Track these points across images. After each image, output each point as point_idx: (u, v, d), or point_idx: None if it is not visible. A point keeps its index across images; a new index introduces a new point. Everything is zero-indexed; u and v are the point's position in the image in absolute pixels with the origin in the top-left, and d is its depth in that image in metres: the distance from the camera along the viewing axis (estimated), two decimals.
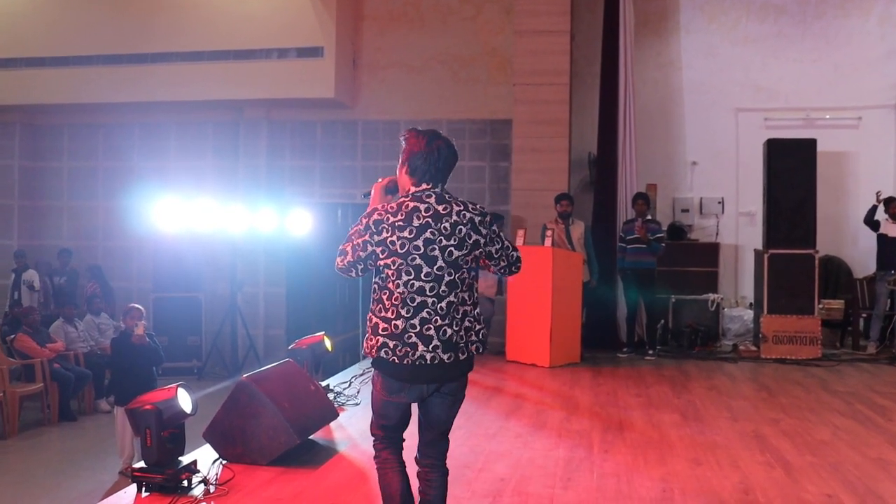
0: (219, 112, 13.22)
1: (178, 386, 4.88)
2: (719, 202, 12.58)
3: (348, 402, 7.25)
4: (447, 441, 3.84)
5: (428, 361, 3.52)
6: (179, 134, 13.59)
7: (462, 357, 3.60)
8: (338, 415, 6.09)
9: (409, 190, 3.69)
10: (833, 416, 7.21)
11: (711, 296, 11.50)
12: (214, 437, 5.39)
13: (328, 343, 7.42)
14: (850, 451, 6.02)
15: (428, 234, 3.56)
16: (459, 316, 3.60)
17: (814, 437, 6.47)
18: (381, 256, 3.58)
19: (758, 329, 10.79)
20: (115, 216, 13.58)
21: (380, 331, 3.57)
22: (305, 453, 5.57)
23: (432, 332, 3.53)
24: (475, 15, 12.82)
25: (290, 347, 7.27)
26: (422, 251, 3.56)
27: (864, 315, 11.41)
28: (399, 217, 3.57)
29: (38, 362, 10.09)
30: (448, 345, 3.55)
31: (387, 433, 3.77)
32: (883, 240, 10.98)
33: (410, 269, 3.55)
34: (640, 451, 5.92)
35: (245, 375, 5.45)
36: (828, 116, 12.46)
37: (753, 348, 10.72)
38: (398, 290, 3.55)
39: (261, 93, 12.47)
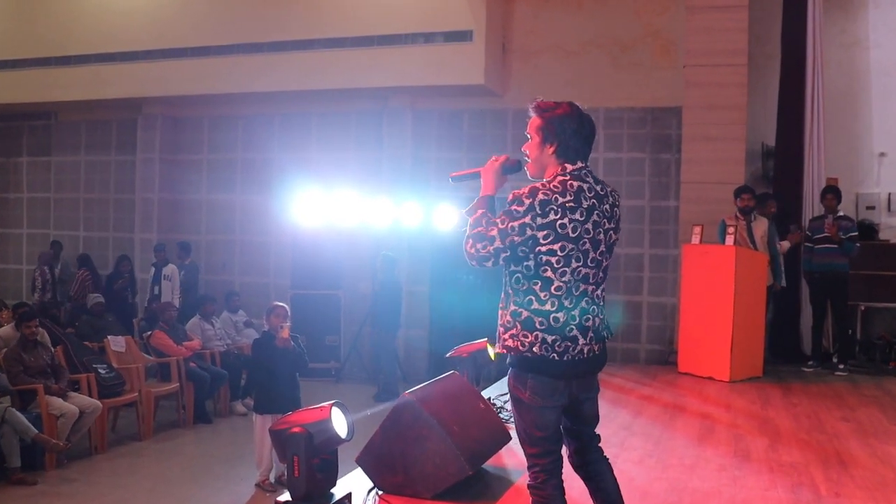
0: (361, 101, 12.60)
1: (332, 405, 4.11)
2: None
3: (512, 419, 6.40)
4: (598, 435, 3.56)
5: (585, 354, 3.30)
6: (320, 124, 13.03)
7: (604, 346, 3.42)
8: (510, 437, 5.24)
9: (563, 168, 3.35)
10: None
11: None
12: (370, 462, 4.63)
13: (491, 351, 6.59)
14: None
15: (595, 217, 3.30)
16: (603, 303, 3.42)
17: None
18: (542, 242, 3.22)
19: None
20: (253, 209, 13.17)
21: (536, 326, 3.24)
22: (476, 484, 4.74)
23: (590, 322, 3.31)
24: None
25: (448, 355, 6.49)
26: (591, 235, 3.29)
27: None
28: (568, 198, 3.24)
29: (175, 361, 9.63)
30: (598, 335, 3.35)
31: (547, 452, 3.34)
32: None
33: (580, 254, 3.27)
34: (879, 496, 4.86)
35: (408, 392, 4.66)
36: None
37: None
38: (563, 279, 3.25)
39: (406, 80, 11.74)
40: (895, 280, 10.53)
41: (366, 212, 11.33)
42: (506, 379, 3.46)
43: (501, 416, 6.33)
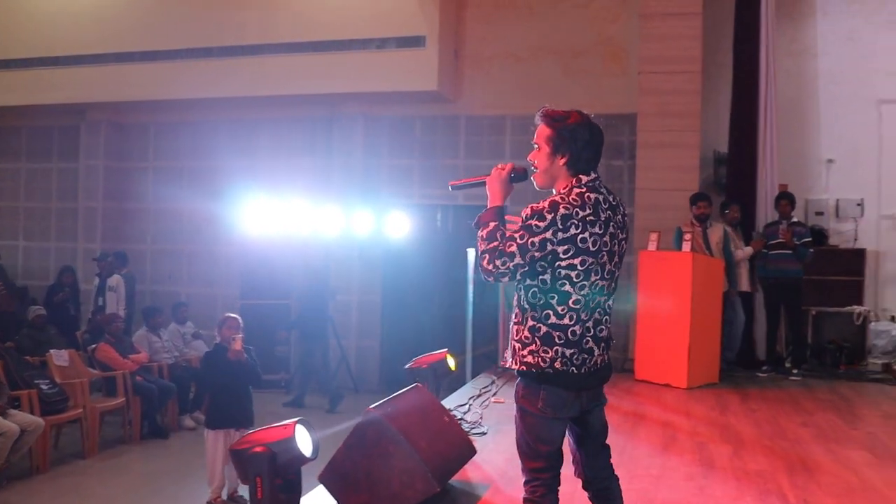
0: (312, 107, 12.40)
1: (296, 423, 3.94)
2: (858, 204, 11.28)
3: (473, 431, 6.29)
4: (608, 447, 3.53)
5: (598, 365, 3.30)
6: (270, 131, 12.79)
7: (610, 355, 3.40)
8: (475, 451, 5.11)
9: (578, 180, 3.27)
10: None
11: (857, 308, 10.26)
12: (333, 481, 4.47)
13: (451, 361, 6.46)
14: None
15: (611, 229, 3.26)
16: (611, 313, 3.38)
17: None
18: (562, 256, 3.16)
19: None
20: (201, 218, 12.85)
21: (555, 340, 3.20)
22: (442, 500, 4.59)
23: (603, 332, 3.31)
24: (588, 2, 11.73)
25: (407, 366, 6.32)
26: (609, 247, 3.25)
27: None
28: (588, 211, 3.18)
29: (121, 375, 9.31)
30: (607, 344, 3.35)
31: (550, 466, 3.29)
32: None
33: (598, 267, 3.22)
34: (847, 502, 4.83)
35: (372, 406, 4.50)
36: None
37: None
38: (581, 293, 3.20)
39: (358, 86, 11.58)
40: (844, 285, 10.66)
41: (316, 220, 11.17)
42: (467, 389, 3.41)
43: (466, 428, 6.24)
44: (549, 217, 3.12)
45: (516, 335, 3.29)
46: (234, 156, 12.79)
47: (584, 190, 3.22)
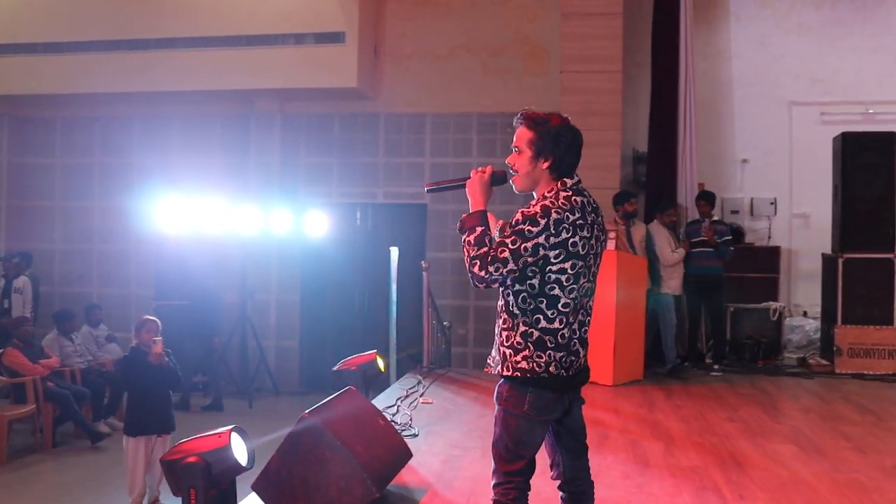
0: (228, 103, 12.10)
1: (231, 430, 3.78)
2: (772, 203, 11.57)
3: (404, 433, 6.17)
4: (587, 447, 3.60)
5: (583, 366, 3.36)
6: (184, 127, 12.43)
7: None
8: (411, 454, 5.01)
9: (563, 183, 3.28)
10: None
11: (773, 304, 10.49)
12: (268, 489, 4.30)
13: (381, 363, 6.35)
14: None
15: (596, 231, 3.28)
16: (591, 314, 3.40)
17: None
18: (553, 261, 3.16)
19: (828, 341, 9.81)
20: (112, 216, 12.43)
21: (547, 344, 3.20)
22: None
23: (587, 334, 3.35)
24: (506, 0, 11.76)
25: (335, 368, 6.18)
26: (595, 250, 3.29)
27: None
28: (577, 215, 3.19)
29: (31, 380, 8.93)
30: (587, 345, 3.38)
31: (525, 470, 3.29)
32: None
33: (586, 269, 3.25)
34: (780, 496, 4.89)
35: (307, 412, 4.35)
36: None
37: (825, 362, 9.72)
38: (570, 296, 3.21)
39: (275, 82, 11.34)
40: (761, 282, 10.91)
41: (233, 219, 10.92)
42: (394, 390, 3.36)
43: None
44: (542, 222, 3.10)
45: (507, 341, 3.25)
46: (147, 152, 12.41)
47: (570, 194, 3.22)
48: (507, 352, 3.24)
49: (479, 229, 3.19)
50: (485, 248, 3.13)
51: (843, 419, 7.19)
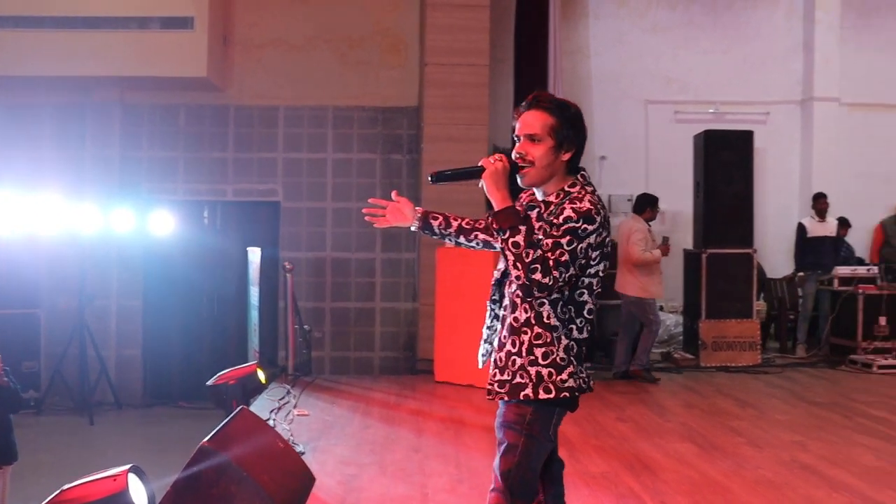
0: (60, 92, 11.01)
1: (128, 471, 3.20)
2: (629, 199, 11.60)
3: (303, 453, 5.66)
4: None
5: None
6: (9, 118, 11.24)
7: None
8: (314, 479, 4.50)
9: (584, 178, 3.04)
10: (851, 434, 6.47)
11: None
12: None
13: (262, 375, 5.80)
14: None
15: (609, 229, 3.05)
16: None
17: (864, 463, 5.65)
18: (592, 263, 2.91)
19: (692, 335, 9.96)
20: None
21: (573, 356, 2.96)
22: None
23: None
24: None
25: (210, 383, 5.59)
26: (609, 249, 3.03)
27: (792, 317, 10.86)
28: (605, 212, 2.96)
29: None
30: None
31: (534, 493, 3.06)
32: (812, 240, 10.44)
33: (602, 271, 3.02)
34: (700, 500, 4.80)
35: (207, 440, 3.78)
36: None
37: (690, 356, 9.89)
38: (592, 301, 2.99)
39: (115, 69, 10.37)
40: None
41: (69, 218, 9.98)
42: (264, 403, 2.95)
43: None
44: (597, 219, 2.86)
45: (544, 359, 2.89)
46: None
47: (593, 188, 2.99)
48: (547, 371, 2.88)
49: (522, 228, 2.80)
50: (539, 251, 2.79)
51: (726, 413, 7.24)
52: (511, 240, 2.80)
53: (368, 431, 6.34)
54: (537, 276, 2.76)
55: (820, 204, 10.51)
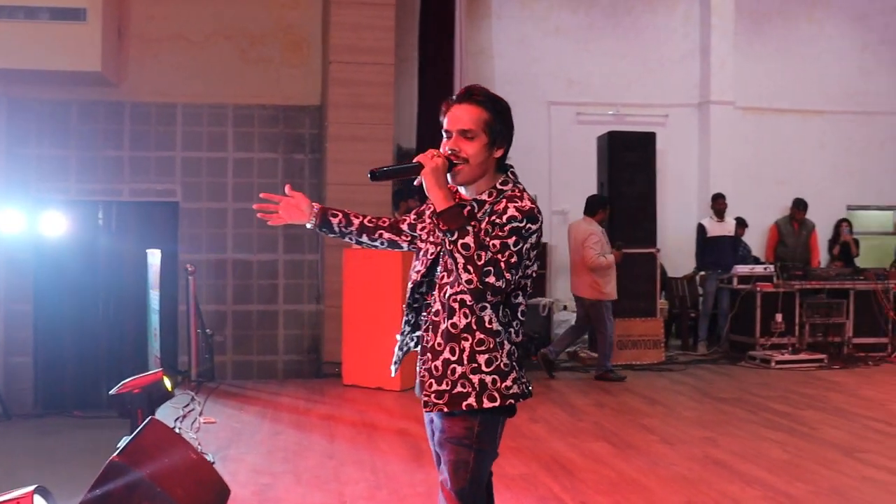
0: None
1: (33, 493, 2.99)
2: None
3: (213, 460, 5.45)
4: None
5: None
6: None
7: None
8: (230, 491, 4.32)
9: (513, 175, 2.89)
10: (757, 429, 6.60)
11: (542, 300, 10.60)
12: None
13: (168, 382, 5.57)
14: (828, 471, 5.38)
15: None
16: None
17: (772, 457, 5.76)
18: (529, 264, 2.80)
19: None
20: None
21: (514, 360, 2.85)
22: None
23: None
24: None
25: (113, 392, 5.35)
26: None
27: (693, 315, 11.10)
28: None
29: None
30: None
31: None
32: (712, 239, 10.70)
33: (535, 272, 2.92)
34: (621, 499, 4.80)
35: (117, 454, 3.58)
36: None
37: (595, 355, 9.93)
38: (525, 303, 2.88)
39: (0, 61, 9.92)
40: (536, 279, 10.98)
41: None
42: (168, 410, 2.80)
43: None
44: (539, 218, 2.75)
45: (488, 366, 2.76)
46: None
47: (523, 186, 2.86)
48: (491, 378, 2.75)
49: (471, 229, 2.66)
50: (489, 253, 2.65)
51: (636, 412, 7.31)
52: (460, 241, 2.65)
53: (279, 438, 6.15)
54: (491, 279, 2.63)
55: (718, 204, 10.78)
